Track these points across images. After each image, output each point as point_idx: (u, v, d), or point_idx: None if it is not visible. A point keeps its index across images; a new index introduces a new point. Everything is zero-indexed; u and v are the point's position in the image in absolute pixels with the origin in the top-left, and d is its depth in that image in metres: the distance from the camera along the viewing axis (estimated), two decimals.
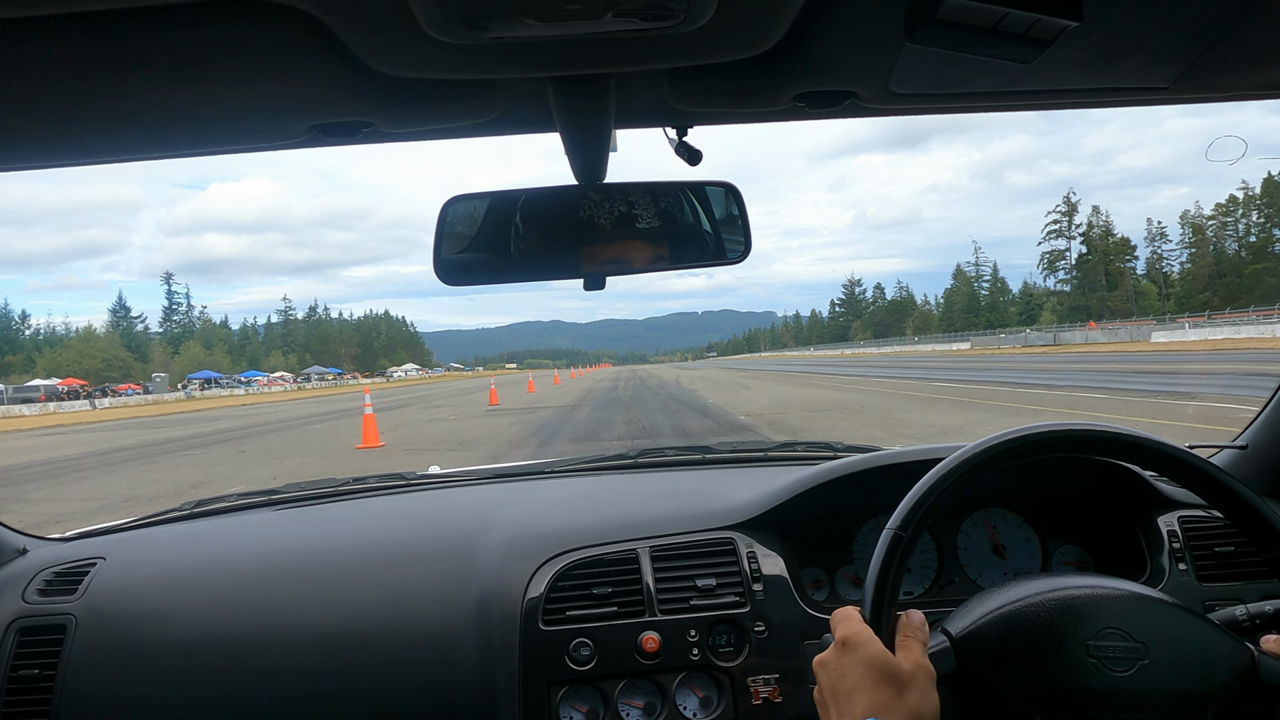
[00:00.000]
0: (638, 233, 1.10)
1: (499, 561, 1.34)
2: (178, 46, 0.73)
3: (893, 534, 0.94)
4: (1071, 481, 1.44)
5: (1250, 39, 0.81)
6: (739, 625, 1.27)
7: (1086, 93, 0.95)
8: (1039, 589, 0.94)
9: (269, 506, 1.69)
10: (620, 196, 1.08)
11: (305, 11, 0.65)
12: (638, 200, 1.09)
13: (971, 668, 0.91)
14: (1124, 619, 0.90)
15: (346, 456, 12.47)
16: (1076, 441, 0.97)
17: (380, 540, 1.45)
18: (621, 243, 1.10)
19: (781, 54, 0.80)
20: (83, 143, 0.93)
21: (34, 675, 1.27)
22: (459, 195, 1.10)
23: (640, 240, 1.10)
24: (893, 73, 0.86)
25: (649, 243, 1.10)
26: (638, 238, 1.10)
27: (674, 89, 0.91)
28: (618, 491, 1.67)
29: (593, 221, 1.08)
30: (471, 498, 1.67)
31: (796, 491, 1.38)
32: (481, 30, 0.66)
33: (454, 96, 0.89)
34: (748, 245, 1.15)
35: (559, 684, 1.24)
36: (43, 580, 1.39)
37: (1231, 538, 1.33)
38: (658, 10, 0.64)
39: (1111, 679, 0.87)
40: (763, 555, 1.33)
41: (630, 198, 1.09)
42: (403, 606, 1.31)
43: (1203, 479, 0.95)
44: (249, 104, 0.86)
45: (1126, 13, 0.76)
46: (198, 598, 1.34)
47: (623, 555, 1.33)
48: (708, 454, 1.86)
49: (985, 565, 1.44)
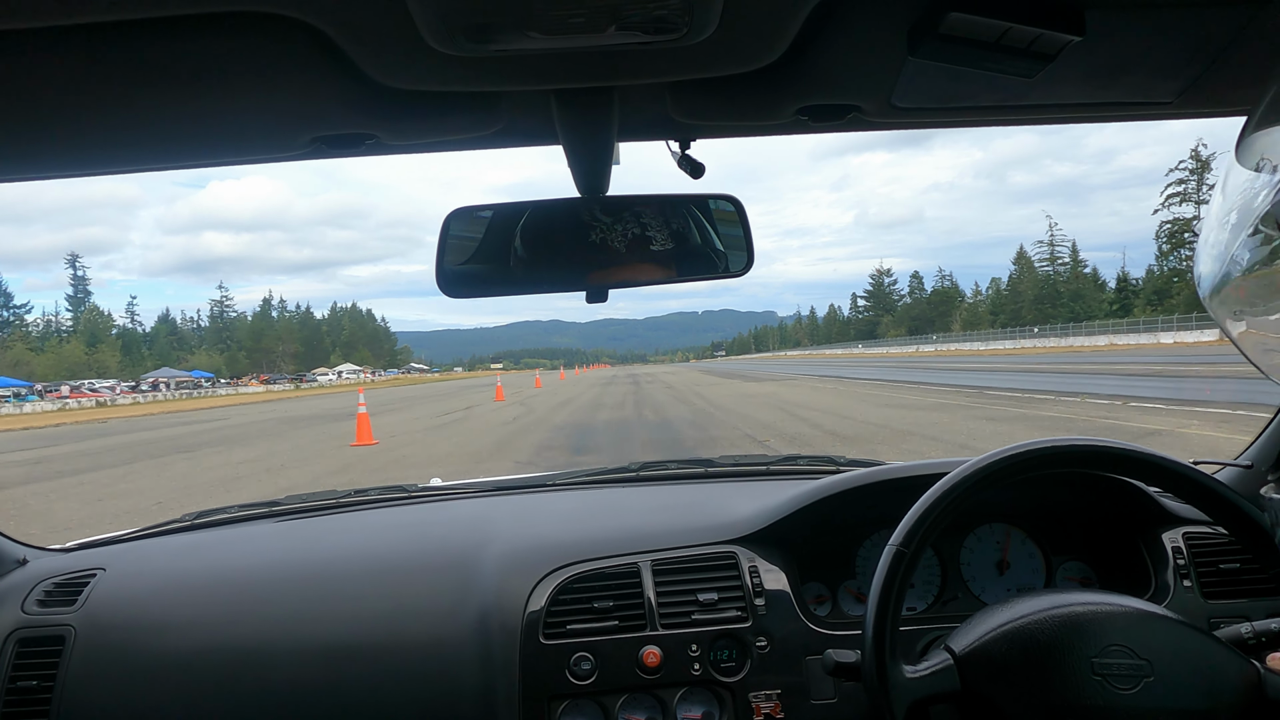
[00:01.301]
0: (641, 246, 1.09)
1: (500, 574, 1.33)
2: (182, 59, 0.73)
3: (895, 550, 0.94)
4: (1076, 497, 1.43)
5: (1253, 54, 0.81)
6: (741, 640, 1.26)
7: (1090, 107, 0.95)
8: (1043, 606, 0.94)
9: (270, 518, 1.67)
10: (623, 209, 1.08)
11: (309, 24, 0.65)
12: (641, 213, 1.09)
13: (975, 686, 0.91)
14: (1128, 636, 0.90)
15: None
16: (1081, 457, 0.97)
17: (381, 552, 1.44)
18: (624, 257, 1.09)
19: (784, 68, 0.80)
20: (86, 154, 0.93)
21: (32, 686, 1.26)
22: (462, 207, 1.10)
23: (643, 255, 1.10)
24: (896, 86, 0.86)
25: (652, 257, 1.10)
26: (641, 251, 1.09)
27: (677, 102, 0.91)
28: (619, 505, 1.65)
29: (595, 235, 1.07)
30: (472, 510, 1.65)
31: (799, 505, 1.37)
32: (485, 43, 0.66)
33: (457, 109, 0.89)
34: (750, 258, 1.14)
35: (559, 698, 1.23)
36: (42, 591, 1.38)
37: (1236, 554, 1.32)
38: (661, 23, 0.64)
39: (1116, 697, 0.87)
40: (765, 570, 1.32)
41: (634, 210, 1.08)
42: (403, 619, 1.30)
43: (1208, 495, 0.95)
44: (253, 116, 0.87)
45: (1130, 28, 0.76)
46: (198, 609, 1.33)
47: (624, 569, 1.32)
48: (709, 467, 1.83)
49: (989, 581, 1.43)
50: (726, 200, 1.13)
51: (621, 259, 1.09)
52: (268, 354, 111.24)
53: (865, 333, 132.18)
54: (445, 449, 12.90)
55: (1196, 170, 70.25)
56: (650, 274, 1.10)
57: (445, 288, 1.09)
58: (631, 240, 1.08)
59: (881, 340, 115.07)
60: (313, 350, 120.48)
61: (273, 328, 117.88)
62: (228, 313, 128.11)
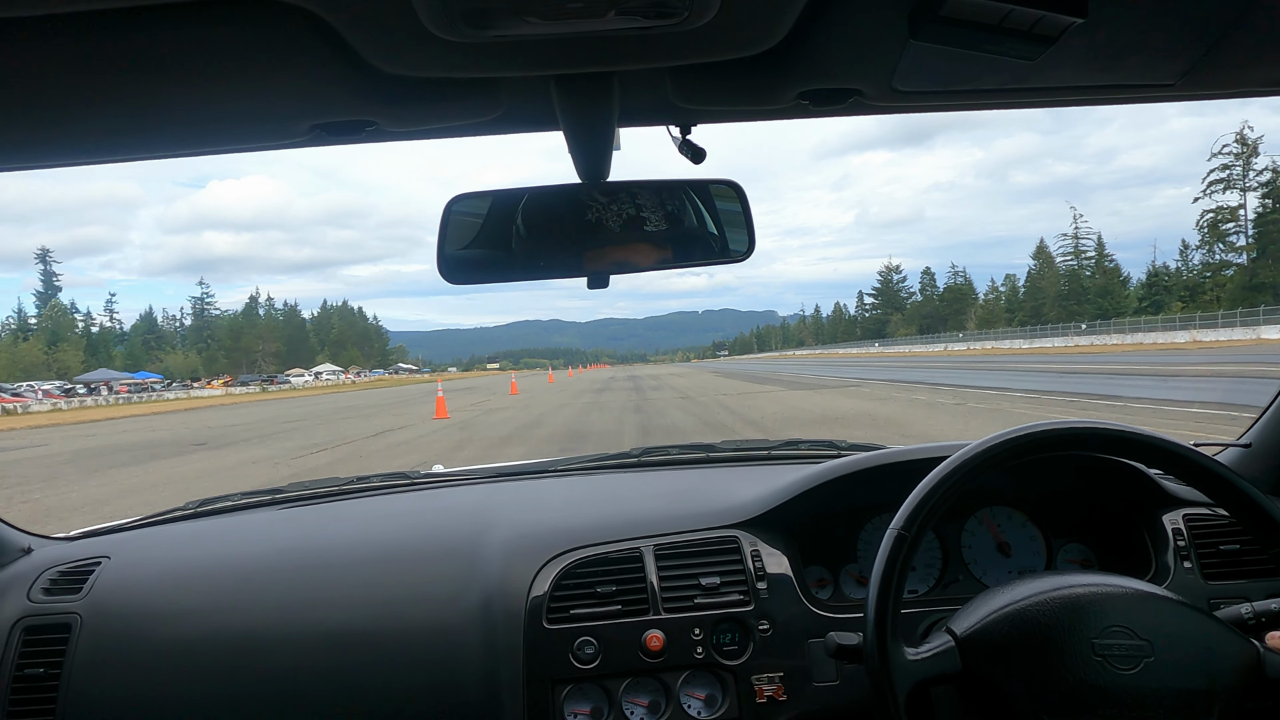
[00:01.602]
0: (641, 231, 1.09)
1: (503, 560, 1.34)
2: (180, 46, 0.72)
3: (896, 534, 0.95)
4: (1076, 479, 1.43)
5: (1255, 35, 0.81)
6: (743, 624, 1.27)
7: (1092, 89, 0.95)
8: (1043, 587, 0.94)
9: (273, 505, 1.68)
10: (624, 195, 1.08)
11: (309, 10, 0.65)
12: (641, 199, 1.09)
13: (976, 668, 0.92)
14: (1128, 616, 0.90)
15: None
16: (1081, 440, 0.98)
17: (384, 539, 1.45)
18: (625, 241, 1.09)
19: (785, 52, 0.79)
20: (84, 143, 0.93)
21: (39, 674, 1.27)
22: (462, 194, 1.10)
23: (644, 239, 1.10)
24: (897, 70, 0.86)
25: (653, 241, 1.10)
26: (642, 236, 1.10)
27: (677, 87, 0.91)
28: (621, 490, 1.65)
29: (596, 220, 1.07)
30: (475, 497, 1.65)
31: (801, 490, 1.37)
32: (485, 29, 0.66)
33: (457, 95, 0.89)
34: (751, 242, 1.14)
35: (563, 683, 1.24)
36: (47, 579, 1.39)
37: (1236, 536, 1.32)
38: (661, 8, 0.64)
39: (1117, 677, 0.87)
40: (767, 554, 1.33)
41: (634, 196, 1.09)
42: (406, 605, 1.30)
43: (1208, 477, 0.96)
44: (252, 103, 0.86)
45: (1131, 9, 0.75)
46: (202, 597, 1.34)
47: (626, 554, 1.33)
48: (711, 452, 1.83)
49: (990, 564, 1.43)
50: (727, 185, 1.13)
51: (622, 244, 1.09)
52: (248, 354, 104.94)
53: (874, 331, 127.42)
54: None
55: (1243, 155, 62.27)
56: (651, 258, 1.10)
57: (446, 273, 1.09)
58: (632, 225, 1.08)
59: (897, 339, 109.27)
60: (297, 350, 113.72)
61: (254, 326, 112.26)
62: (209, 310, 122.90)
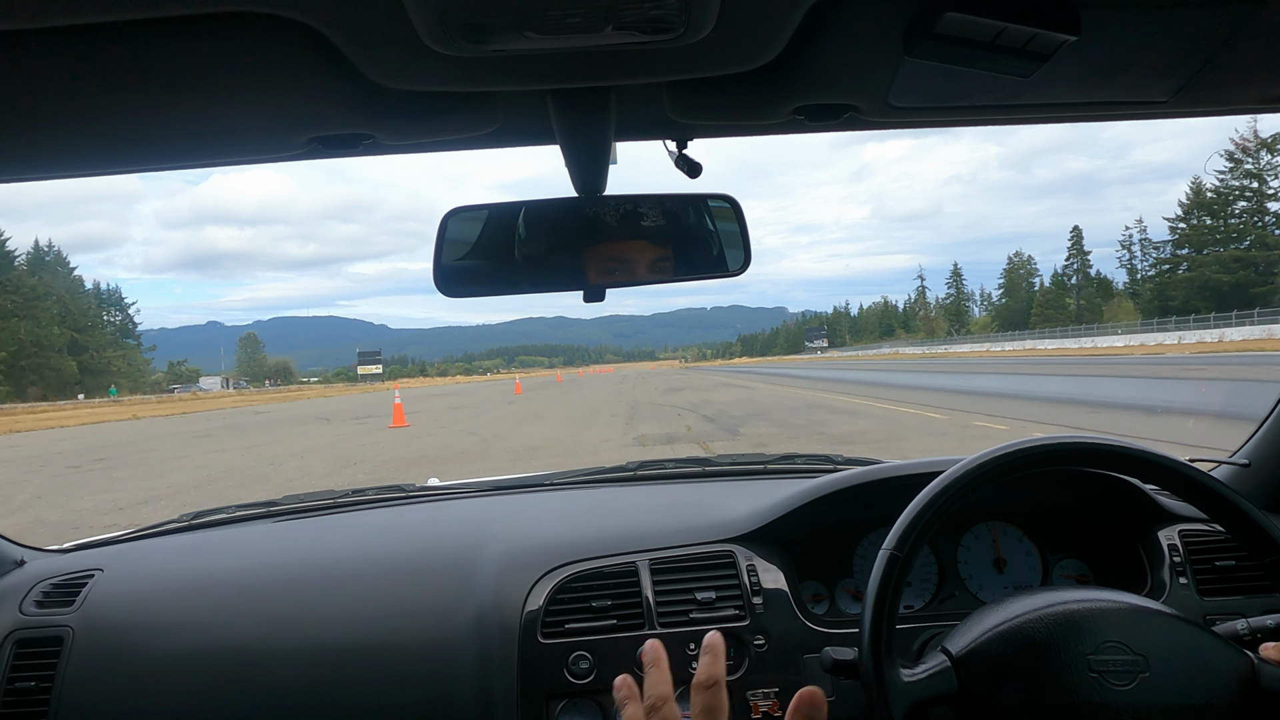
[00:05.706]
0: (638, 245, 1.10)
1: (497, 574, 1.34)
2: (177, 60, 0.73)
3: (889, 554, 0.95)
4: (1072, 495, 1.43)
5: (1248, 53, 0.82)
6: (738, 639, 1.26)
7: (1086, 106, 0.96)
8: (1038, 604, 0.94)
9: (267, 518, 1.67)
10: (620, 209, 1.09)
11: (306, 24, 0.65)
12: (638, 212, 1.10)
13: (972, 687, 0.91)
14: (1123, 632, 0.90)
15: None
16: (1076, 455, 0.97)
17: (379, 553, 1.44)
18: (622, 255, 1.10)
19: (781, 67, 0.80)
20: (82, 155, 0.93)
21: (30, 687, 1.26)
22: (459, 207, 1.11)
23: (640, 252, 1.11)
24: (892, 86, 0.86)
25: (649, 255, 1.11)
26: (638, 250, 1.10)
27: (674, 101, 0.92)
28: (616, 504, 1.65)
29: (593, 234, 1.08)
30: (470, 510, 1.65)
31: (796, 504, 1.37)
32: (482, 43, 0.66)
33: (454, 109, 0.89)
34: (747, 257, 1.15)
35: (558, 697, 1.23)
36: (40, 592, 1.38)
37: (1232, 552, 1.32)
38: (658, 23, 0.64)
39: (1113, 693, 0.87)
40: (762, 568, 1.33)
41: (630, 210, 1.09)
42: (401, 619, 1.30)
43: (1204, 493, 0.95)
44: (249, 117, 0.87)
45: (1124, 27, 0.76)
46: (195, 610, 1.34)
47: (622, 568, 1.32)
48: (706, 466, 1.83)
49: (986, 579, 1.43)
50: (723, 200, 1.14)
51: (618, 258, 1.10)
52: None
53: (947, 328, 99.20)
54: None
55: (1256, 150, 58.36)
56: (647, 273, 1.11)
57: (443, 286, 1.10)
58: (628, 239, 1.09)
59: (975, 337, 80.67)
60: (90, 359, 75.15)
61: None
62: None
